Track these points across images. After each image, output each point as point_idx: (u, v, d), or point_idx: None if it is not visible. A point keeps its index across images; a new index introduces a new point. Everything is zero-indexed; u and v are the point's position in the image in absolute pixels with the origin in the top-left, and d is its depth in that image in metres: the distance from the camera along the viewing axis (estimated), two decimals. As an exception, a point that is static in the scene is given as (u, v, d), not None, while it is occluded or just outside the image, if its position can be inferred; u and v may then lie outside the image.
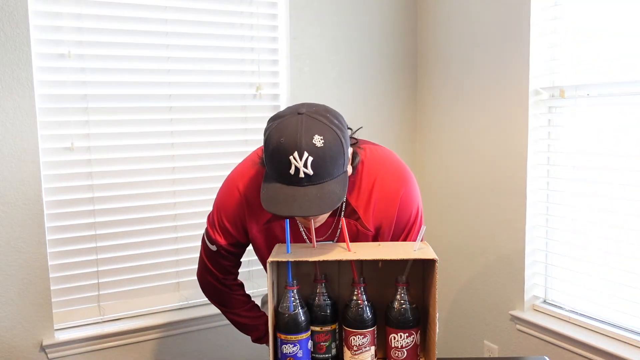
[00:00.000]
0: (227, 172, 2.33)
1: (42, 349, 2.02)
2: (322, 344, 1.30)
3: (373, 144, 1.44)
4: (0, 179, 1.91)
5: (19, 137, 1.92)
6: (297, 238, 1.42)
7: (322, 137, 1.14)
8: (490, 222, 2.33)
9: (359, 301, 1.29)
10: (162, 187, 2.23)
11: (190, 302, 2.30)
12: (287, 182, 1.15)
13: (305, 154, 1.12)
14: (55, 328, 2.06)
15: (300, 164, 1.12)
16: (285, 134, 1.14)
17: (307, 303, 1.30)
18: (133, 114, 2.15)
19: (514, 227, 2.21)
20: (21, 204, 1.94)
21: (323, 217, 1.29)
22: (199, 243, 2.32)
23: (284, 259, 1.22)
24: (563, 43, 2.05)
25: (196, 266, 2.33)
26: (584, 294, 2.03)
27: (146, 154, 2.19)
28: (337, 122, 1.19)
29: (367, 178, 1.36)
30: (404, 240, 1.43)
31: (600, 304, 1.98)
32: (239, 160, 2.35)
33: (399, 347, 1.28)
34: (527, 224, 2.16)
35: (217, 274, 1.54)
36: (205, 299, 2.32)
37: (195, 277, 2.34)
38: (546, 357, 1.53)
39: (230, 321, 1.64)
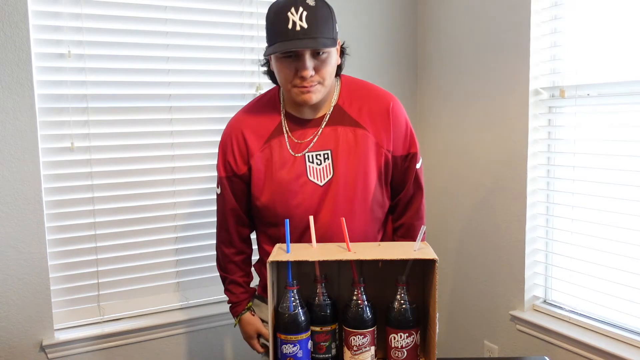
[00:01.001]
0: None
1: (42, 349, 2.02)
2: (322, 344, 1.30)
3: None
4: (0, 179, 1.91)
5: (19, 137, 1.92)
6: (292, 151, 1.47)
7: (314, 0, 1.35)
8: (490, 223, 2.33)
9: (359, 301, 1.29)
10: (162, 187, 2.23)
11: (190, 302, 2.30)
12: (286, 38, 1.33)
13: (300, 9, 1.33)
14: (55, 328, 2.05)
15: (297, 17, 1.32)
16: (283, 0, 1.36)
17: (307, 303, 1.30)
18: (133, 114, 2.15)
19: (514, 228, 2.21)
20: (21, 204, 1.94)
21: (319, 91, 1.40)
22: (199, 243, 2.33)
23: (284, 259, 1.22)
24: (563, 43, 2.05)
25: (196, 266, 2.34)
26: (584, 294, 2.03)
27: (146, 154, 2.19)
28: (327, 2, 1.40)
29: (356, 93, 1.53)
30: (410, 146, 1.54)
31: (600, 304, 1.98)
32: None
33: (399, 347, 1.28)
34: (527, 224, 2.16)
35: (224, 222, 1.60)
36: (205, 299, 2.32)
37: (195, 278, 2.35)
38: (546, 357, 1.53)
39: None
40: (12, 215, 1.93)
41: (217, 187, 1.58)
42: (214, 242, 2.32)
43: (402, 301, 1.29)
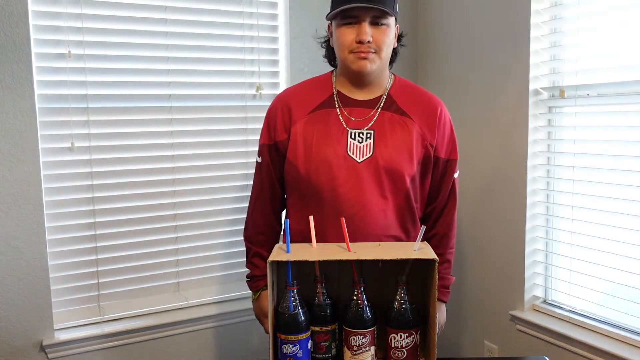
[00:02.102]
0: (227, 172, 2.34)
1: (42, 349, 2.02)
2: (322, 344, 1.30)
3: None
4: (0, 179, 1.91)
5: (19, 137, 1.92)
6: (336, 125, 1.51)
7: None
8: (490, 223, 2.33)
9: (359, 301, 1.29)
10: (162, 187, 2.23)
11: (190, 302, 2.30)
12: (351, 2, 1.39)
13: None
14: (55, 328, 2.05)
15: None
16: None
17: (307, 303, 1.30)
18: (133, 114, 2.15)
19: (514, 227, 2.21)
20: (21, 204, 1.94)
21: (374, 61, 1.45)
22: (199, 243, 2.33)
23: (284, 259, 1.22)
24: (563, 43, 2.05)
25: (196, 266, 2.34)
26: (584, 294, 2.03)
27: (146, 154, 2.19)
28: None
29: (408, 90, 1.58)
30: (452, 152, 1.58)
31: (600, 304, 1.98)
32: (239, 160, 2.36)
33: (399, 347, 1.28)
34: (527, 224, 2.16)
35: (260, 191, 1.63)
36: (205, 299, 2.32)
37: (195, 278, 2.35)
38: (546, 357, 1.53)
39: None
40: (12, 215, 1.93)
41: (258, 157, 1.62)
42: (214, 242, 2.35)
43: (402, 301, 1.29)
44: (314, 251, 1.27)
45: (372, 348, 1.30)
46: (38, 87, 1.98)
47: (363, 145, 1.49)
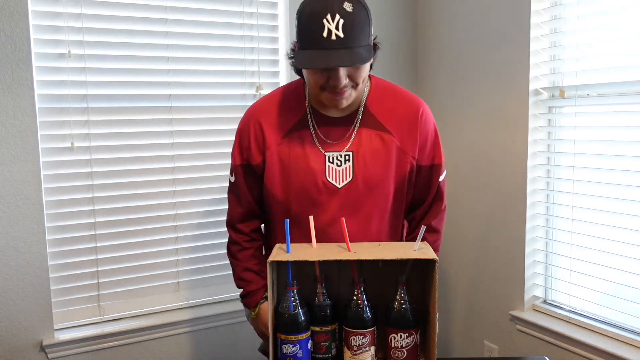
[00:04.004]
0: (227, 172, 2.34)
1: (42, 349, 2.02)
2: (322, 344, 1.30)
3: None
4: (0, 179, 1.91)
5: (19, 137, 1.92)
6: (312, 149, 1.43)
7: (351, 4, 1.26)
8: (490, 222, 2.33)
9: (359, 301, 1.29)
10: (162, 187, 2.23)
11: (190, 302, 2.30)
12: (320, 47, 1.26)
13: (337, 16, 1.24)
14: (55, 328, 2.05)
15: (332, 26, 1.24)
16: (318, 2, 1.27)
17: (307, 303, 1.30)
18: (133, 114, 2.15)
19: (514, 227, 2.21)
20: (21, 204, 1.94)
21: (351, 96, 1.36)
22: (199, 243, 2.33)
23: (284, 259, 1.22)
24: (563, 43, 2.05)
25: (196, 266, 2.34)
26: (584, 294, 2.03)
27: (146, 154, 2.19)
28: (363, 2, 1.31)
29: (386, 95, 1.48)
30: (434, 156, 1.50)
31: (600, 304, 1.98)
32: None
33: (399, 347, 1.28)
34: (527, 224, 2.16)
35: (236, 210, 1.55)
36: (205, 299, 2.32)
37: (195, 278, 2.35)
38: (546, 357, 1.53)
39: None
40: (12, 215, 1.93)
41: (231, 175, 1.53)
42: (214, 242, 2.35)
43: (402, 301, 1.29)
44: (314, 251, 1.27)
45: (372, 348, 1.30)
46: (38, 87, 1.98)
47: (342, 169, 1.41)
